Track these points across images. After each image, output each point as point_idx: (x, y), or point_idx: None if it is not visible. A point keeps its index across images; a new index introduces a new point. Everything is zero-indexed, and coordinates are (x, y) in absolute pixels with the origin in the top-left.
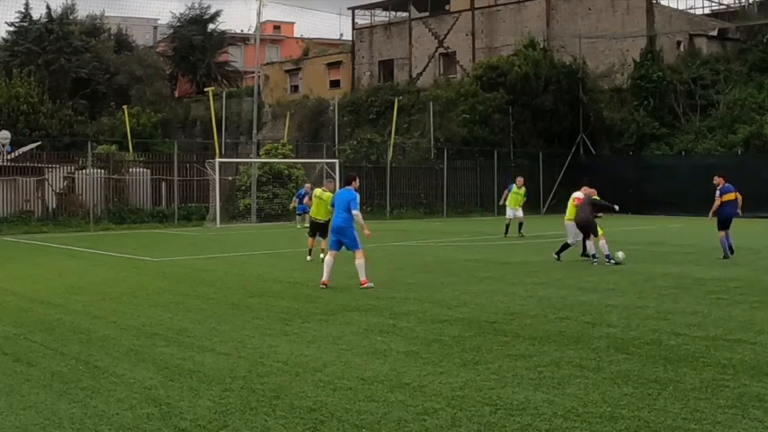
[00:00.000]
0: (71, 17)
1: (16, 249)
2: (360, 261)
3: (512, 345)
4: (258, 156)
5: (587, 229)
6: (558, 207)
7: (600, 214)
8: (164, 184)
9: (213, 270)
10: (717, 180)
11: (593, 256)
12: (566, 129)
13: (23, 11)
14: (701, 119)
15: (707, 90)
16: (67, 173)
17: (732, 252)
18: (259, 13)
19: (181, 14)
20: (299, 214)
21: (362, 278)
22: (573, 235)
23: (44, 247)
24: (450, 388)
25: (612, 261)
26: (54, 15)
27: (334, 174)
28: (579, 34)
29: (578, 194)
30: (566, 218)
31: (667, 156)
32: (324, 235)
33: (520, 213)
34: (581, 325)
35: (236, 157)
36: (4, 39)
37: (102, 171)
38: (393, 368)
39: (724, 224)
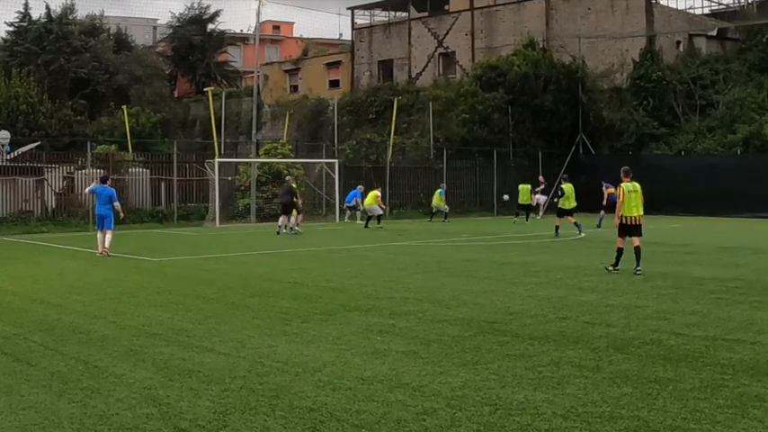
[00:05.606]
0: (70, 17)
1: (16, 249)
2: (110, 236)
3: (511, 345)
4: (258, 156)
5: (289, 207)
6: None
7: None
8: (163, 183)
9: (213, 270)
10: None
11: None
12: (565, 128)
13: (23, 11)
14: (701, 119)
15: (706, 90)
16: (67, 173)
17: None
18: (258, 13)
19: (180, 14)
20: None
21: (107, 247)
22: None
23: (44, 247)
24: (450, 388)
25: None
26: (53, 15)
27: (334, 174)
28: (579, 34)
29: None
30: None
31: (667, 156)
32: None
33: None
34: (581, 325)
35: (236, 157)
36: (3, 39)
37: (102, 171)
38: (393, 368)
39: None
